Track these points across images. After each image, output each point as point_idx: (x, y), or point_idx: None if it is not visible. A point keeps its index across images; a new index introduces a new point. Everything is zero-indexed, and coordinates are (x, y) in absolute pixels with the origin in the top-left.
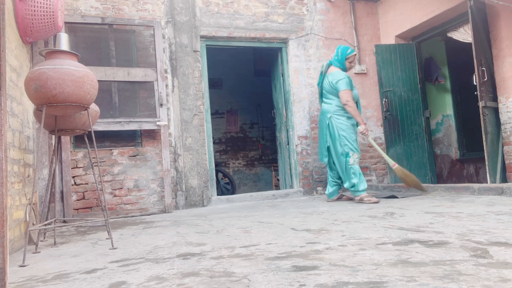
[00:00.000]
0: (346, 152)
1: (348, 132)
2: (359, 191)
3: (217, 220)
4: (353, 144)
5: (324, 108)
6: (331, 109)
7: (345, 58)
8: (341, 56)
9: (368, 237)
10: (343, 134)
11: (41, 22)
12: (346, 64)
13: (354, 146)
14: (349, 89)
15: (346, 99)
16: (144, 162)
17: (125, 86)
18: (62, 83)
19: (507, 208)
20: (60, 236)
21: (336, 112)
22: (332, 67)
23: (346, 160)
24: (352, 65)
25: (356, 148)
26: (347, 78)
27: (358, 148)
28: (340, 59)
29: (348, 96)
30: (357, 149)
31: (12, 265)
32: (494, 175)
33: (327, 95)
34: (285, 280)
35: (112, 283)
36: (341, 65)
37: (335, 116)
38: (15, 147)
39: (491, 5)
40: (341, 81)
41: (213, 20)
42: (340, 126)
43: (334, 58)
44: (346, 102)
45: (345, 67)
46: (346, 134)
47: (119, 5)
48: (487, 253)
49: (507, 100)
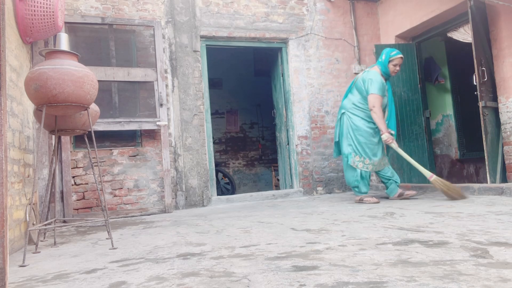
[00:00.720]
0: (348, 152)
1: (355, 134)
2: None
3: (217, 220)
4: (357, 147)
5: (342, 103)
6: (347, 105)
7: (388, 60)
8: (385, 58)
9: (368, 237)
10: (351, 133)
11: (41, 22)
12: (390, 67)
13: (359, 149)
14: (379, 95)
15: (372, 104)
16: (144, 162)
17: (125, 86)
18: (62, 83)
19: (507, 208)
20: (60, 236)
21: (351, 109)
22: (374, 67)
23: (347, 160)
24: (397, 68)
25: (362, 151)
26: (381, 83)
27: (368, 152)
28: (384, 61)
29: (375, 102)
30: (365, 153)
31: (12, 265)
32: (494, 175)
33: (353, 89)
34: (285, 280)
35: (112, 283)
36: (383, 67)
37: (349, 113)
38: (15, 147)
39: (491, 5)
40: (374, 84)
41: (213, 20)
42: (352, 124)
43: (378, 60)
44: (372, 107)
45: (387, 70)
46: (353, 135)
47: (119, 5)
48: (487, 253)
49: (507, 100)
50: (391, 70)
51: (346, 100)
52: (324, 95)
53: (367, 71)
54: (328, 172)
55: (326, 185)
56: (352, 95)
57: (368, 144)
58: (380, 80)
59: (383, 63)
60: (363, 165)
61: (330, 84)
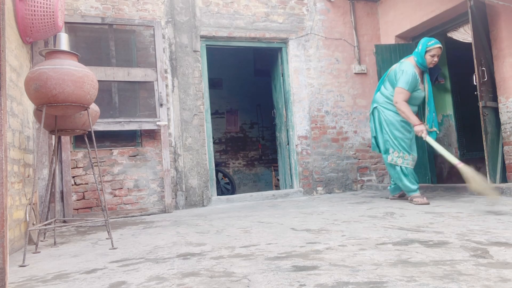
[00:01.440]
0: (386, 148)
1: (391, 128)
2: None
3: (217, 220)
4: (394, 142)
5: (374, 97)
6: (379, 99)
7: (425, 51)
8: (422, 48)
9: (368, 237)
10: (386, 128)
11: (41, 22)
12: (427, 58)
13: (396, 144)
14: (405, 89)
15: (395, 99)
16: (144, 162)
17: (125, 86)
18: (62, 83)
19: (507, 208)
20: (60, 236)
21: (383, 103)
22: (410, 58)
23: (385, 157)
24: (435, 60)
25: (399, 146)
26: (412, 76)
27: (406, 147)
28: (420, 51)
29: (400, 97)
30: (403, 148)
31: (12, 265)
32: (494, 175)
33: (385, 82)
34: (285, 280)
35: (112, 283)
36: (420, 58)
37: (382, 107)
38: (15, 147)
39: (491, 5)
40: (404, 76)
41: (213, 20)
42: (385, 119)
43: (415, 50)
44: (395, 103)
45: (424, 61)
46: (388, 130)
47: (119, 5)
48: (487, 253)
49: (507, 100)
50: (428, 62)
51: (378, 94)
52: (324, 95)
53: (401, 61)
54: (328, 172)
55: (326, 185)
56: (385, 88)
57: (404, 138)
58: (411, 73)
59: (420, 54)
60: (402, 161)
61: (330, 84)
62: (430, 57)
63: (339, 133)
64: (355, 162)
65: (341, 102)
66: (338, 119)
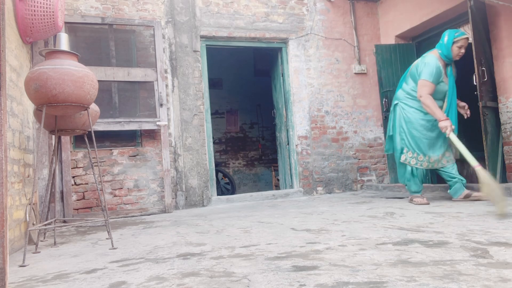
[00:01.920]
0: (400, 148)
1: (408, 127)
2: (411, 191)
3: (217, 220)
4: (410, 142)
5: (395, 94)
6: (400, 95)
7: (452, 42)
8: (448, 39)
9: (368, 237)
10: (403, 127)
11: (41, 22)
12: (454, 49)
13: (412, 143)
14: (430, 81)
15: (419, 93)
16: (144, 162)
17: (125, 86)
18: (62, 83)
19: (507, 208)
20: (60, 236)
21: (404, 99)
22: (433, 51)
23: (398, 156)
24: (462, 51)
25: (415, 146)
26: (437, 68)
27: (422, 147)
28: (447, 43)
29: (424, 90)
30: (418, 148)
31: (12, 265)
32: (494, 175)
33: (407, 78)
34: (285, 280)
35: (112, 283)
36: (445, 50)
37: (402, 103)
38: (15, 147)
39: (491, 5)
40: (427, 68)
41: (213, 20)
42: (405, 117)
43: (439, 42)
44: (419, 97)
45: (450, 53)
46: (406, 128)
47: (119, 5)
48: (487, 253)
49: (507, 100)
50: (455, 53)
51: (400, 90)
52: (324, 95)
53: (424, 55)
54: (328, 172)
55: (326, 185)
56: (406, 84)
57: (423, 138)
58: (435, 65)
59: (446, 46)
60: (415, 162)
61: (330, 84)
62: (457, 49)
63: (339, 133)
64: (355, 162)
65: (341, 102)
66: (338, 119)
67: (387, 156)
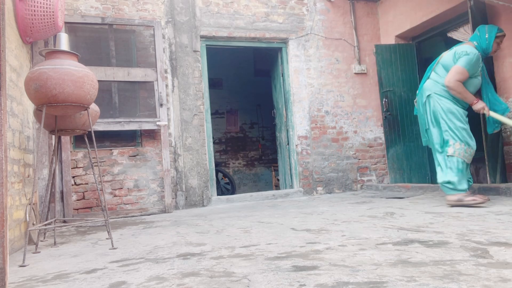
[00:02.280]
0: (445, 140)
1: (450, 117)
2: (458, 189)
3: (217, 220)
4: (455, 132)
5: (424, 85)
6: (432, 87)
7: (495, 37)
8: (491, 34)
9: (368, 237)
10: (444, 118)
11: (41, 22)
12: (494, 46)
13: (457, 134)
14: (466, 69)
15: (448, 78)
16: (144, 162)
17: (125, 86)
18: (62, 83)
19: (507, 208)
20: (60, 236)
21: (439, 91)
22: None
23: (444, 150)
24: (499, 48)
25: (461, 136)
26: (477, 58)
27: (465, 138)
28: (489, 37)
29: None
30: (465, 140)
31: (12, 265)
32: (494, 175)
33: (438, 68)
34: (285, 280)
35: (112, 283)
36: (485, 44)
37: (436, 95)
38: (15, 147)
39: (491, 5)
40: (468, 56)
41: (213, 20)
42: (443, 107)
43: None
44: (447, 82)
45: (490, 48)
46: (447, 119)
47: (119, 5)
48: (487, 253)
49: (507, 100)
50: (494, 49)
51: (429, 82)
52: (324, 95)
53: (458, 45)
54: (328, 172)
55: (326, 185)
56: (437, 75)
57: (467, 129)
58: (477, 55)
59: (488, 40)
60: (464, 154)
61: (330, 84)
62: (496, 45)
63: (339, 133)
64: (355, 162)
65: (341, 102)
66: (338, 119)
67: (387, 156)
